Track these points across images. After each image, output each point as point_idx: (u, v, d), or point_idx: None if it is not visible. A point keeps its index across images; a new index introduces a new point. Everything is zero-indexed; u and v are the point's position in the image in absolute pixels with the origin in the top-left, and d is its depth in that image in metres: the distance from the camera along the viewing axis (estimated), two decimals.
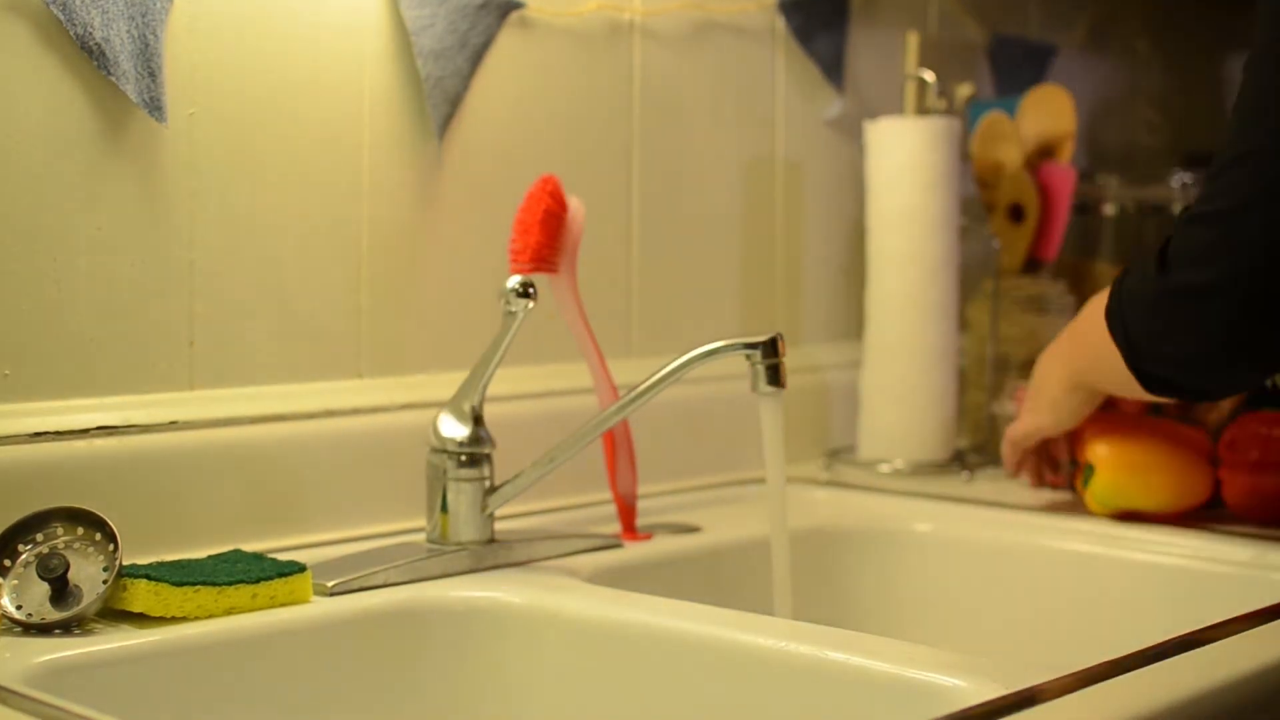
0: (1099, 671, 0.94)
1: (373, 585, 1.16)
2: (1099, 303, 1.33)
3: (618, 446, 1.37)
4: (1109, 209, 1.97)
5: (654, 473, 1.49)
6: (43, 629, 1.02)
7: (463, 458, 1.23)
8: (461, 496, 1.23)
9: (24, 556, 1.05)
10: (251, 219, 1.28)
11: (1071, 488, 1.51)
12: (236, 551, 1.16)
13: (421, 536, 1.26)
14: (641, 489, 1.41)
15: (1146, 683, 0.93)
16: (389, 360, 1.37)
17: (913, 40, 1.76)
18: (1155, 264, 1.24)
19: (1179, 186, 1.94)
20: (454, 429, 1.24)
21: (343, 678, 1.10)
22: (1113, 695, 0.91)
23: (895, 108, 1.77)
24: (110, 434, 1.18)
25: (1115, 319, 1.28)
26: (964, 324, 1.78)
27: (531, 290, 1.25)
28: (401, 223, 1.38)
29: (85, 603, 1.03)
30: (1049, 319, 1.78)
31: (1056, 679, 0.92)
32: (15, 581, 1.04)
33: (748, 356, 1.21)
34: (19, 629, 1.02)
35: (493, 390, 1.26)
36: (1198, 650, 0.98)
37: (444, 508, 1.24)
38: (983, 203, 1.80)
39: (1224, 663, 0.96)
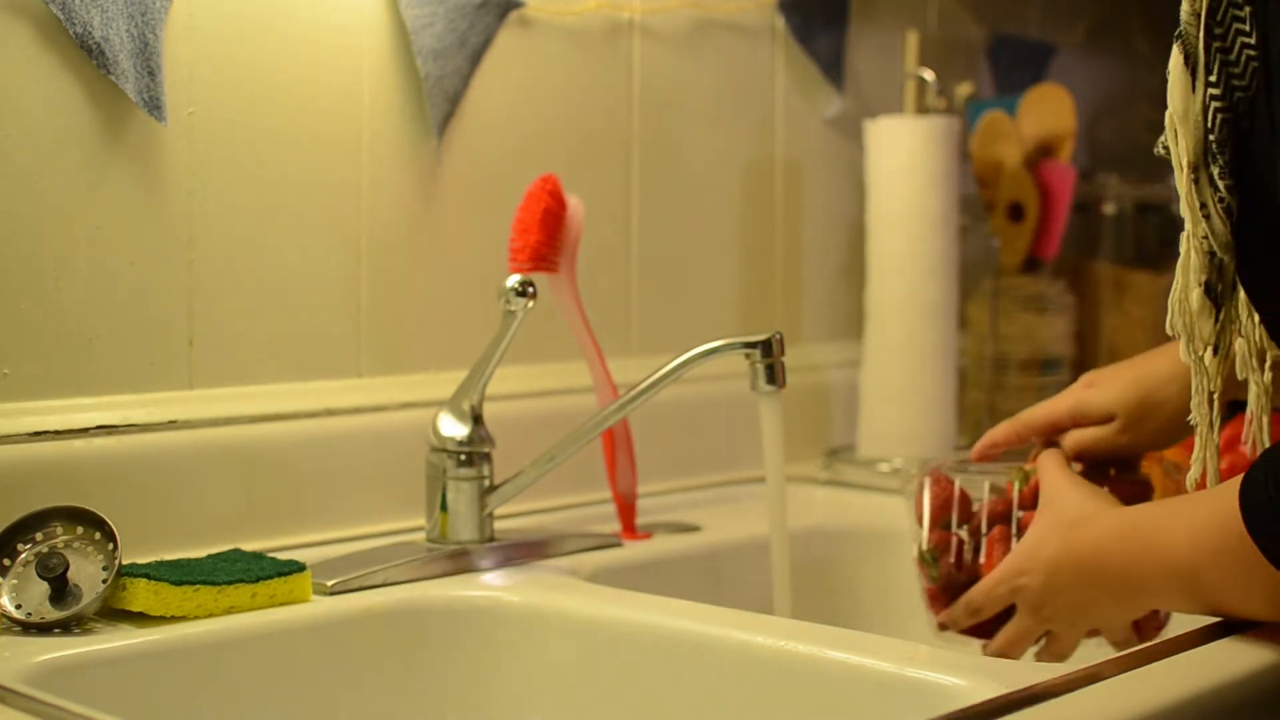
0: (1098, 671, 0.94)
1: (372, 584, 1.16)
2: (1209, 525, 0.99)
3: (617, 445, 1.37)
4: (1109, 208, 1.97)
5: (654, 472, 1.49)
6: (42, 628, 1.02)
7: (462, 457, 1.23)
8: (461, 495, 1.23)
9: (23, 556, 1.05)
10: (251, 218, 1.28)
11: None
12: (236, 550, 1.16)
13: (421, 536, 1.26)
14: (641, 488, 1.40)
15: (1146, 682, 0.93)
16: (388, 359, 1.37)
17: (912, 39, 1.76)
18: None
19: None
20: (453, 428, 1.24)
21: (342, 677, 1.10)
22: (1112, 694, 0.91)
23: (895, 107, 1.77)
24: (110, 433, 1.18)
25: None
26: (963, 323, 1.78)
27: (531, 289, 1.25)
28: (401, 222, 1.38)
29: (85, 602, 1.03)
30: (1048, 318, 1.78)
31: (1056, 678, 0.92)
32: (15, 581, 1.04)
33: (747, 356, 1.21)
34: (19, 628, 1.02)
35: (492, 389, 1.26)
36: (1198, 649, 0.98)
37: (443, 507, 1.24)
38: (982, 202, 1.80)
39: (1224, 662, 0.96)
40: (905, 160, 1.67)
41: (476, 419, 1.24)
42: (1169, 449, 1.26)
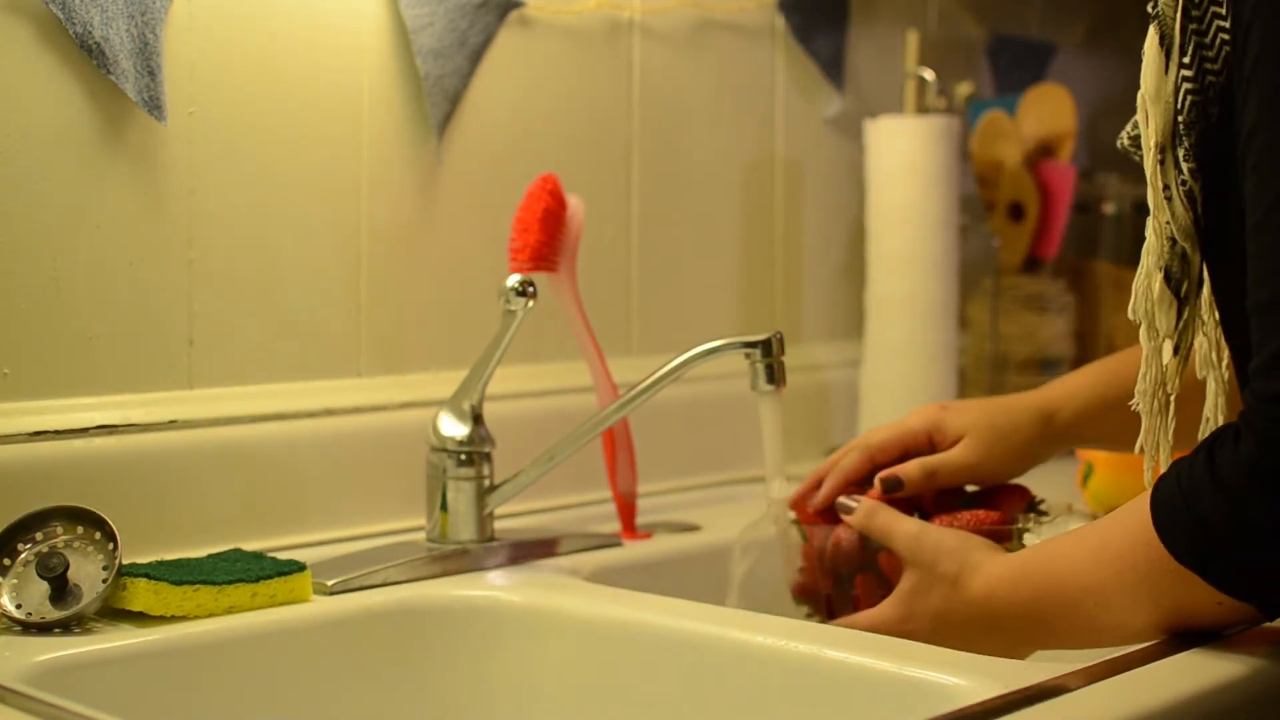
0: (1098, 670, 0.94)
1: (372, 584, 1.16)
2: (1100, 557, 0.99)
3: (617, 445, 1.37)
4: (1109, 207, 1.97)
5: (654, 471, 1.49)
6: (42, 628, 1.02)
7: (462, 456, 1.23)
8: (461, 495, 1.23)
9: (24, 556, 1.05)
10: (251, 218, 1.28)
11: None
12: (236, 550, 1.16)
13: (421, 535, 1.26)
14: (641, 488, 1.40)
15: (1146, 681, 0.93)
16: (388, 359, 1.37)
17: (912, 39, 1.76)
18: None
19: None
20: (453, 428, 1.24)
21: (342, 677, 1.10)
22: (1112, 694, 0.91)
23: (895, 106, 1.77)
24: (110, 433, 1.18)
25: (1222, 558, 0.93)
26: (964, 322, 1.78)
27: (531, 289, 1.25)
28: (401, 222, 1.38)
29: (85, 602, 1.03)
30: (1049, 317, 1.78)
31: (1056, 678, 0.92)
32: (15, 580, 1.04)
33: (747, 355, 1.21)
34: (19, 628, 1.02)
35: (492, 389, 1.26)
36: (1197, 649, 0.98)
37: (443, 506, 1.24)
38: (982, 201, 1.81)
39: (1223, 662, 0.96)
40: (905, 160, 1.67)
41: (476, 419, 1.24)
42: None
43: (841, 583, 1.19)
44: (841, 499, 1.19)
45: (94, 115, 1.17)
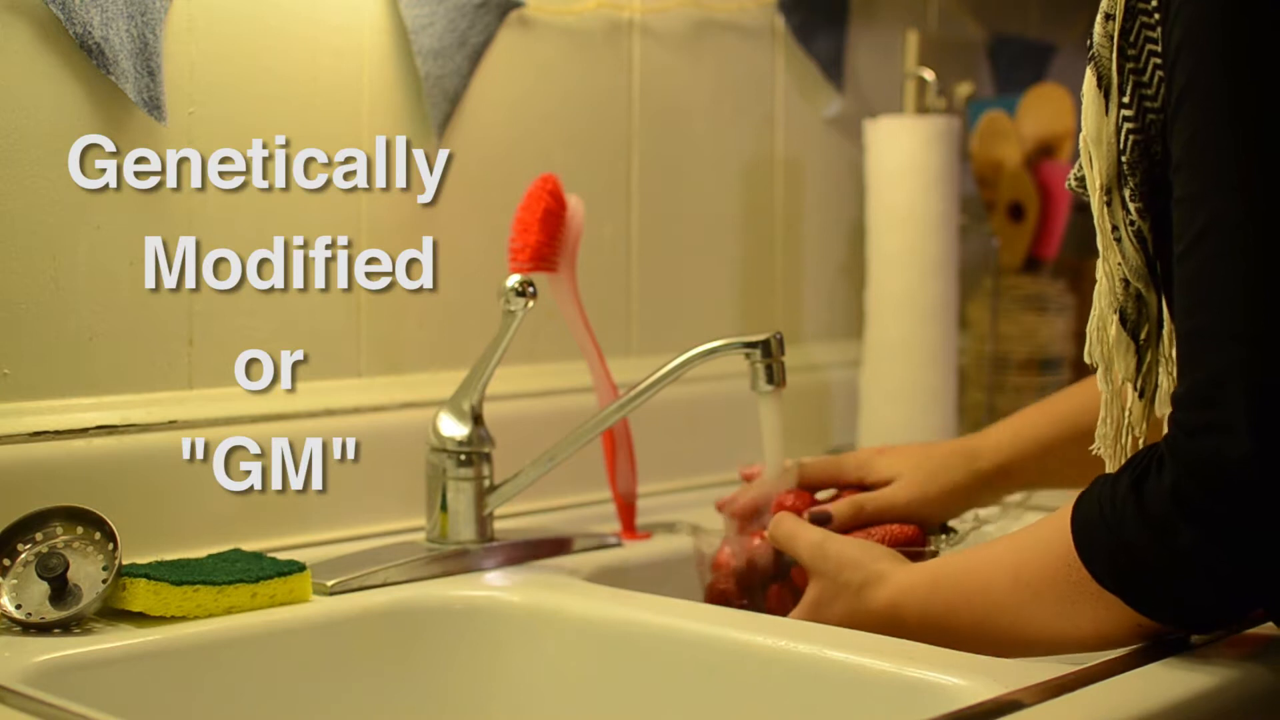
0: (1098, 671, 0.94)
1: (372, 584, 1.16)
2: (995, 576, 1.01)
3: (617, 445, 1.37)
4: None
5: (654, 472, 1.49)
6: (42, 628, 1.02)
7: (462, 457, 1.23)
8: (461, 495, 1.23)
9: (23, 556, 1.05)
10: (251, 217, 1.27)
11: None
12: (236, 551, 1.16)
13: (421, 536, 1.26)
14: (641, 488, 1.41)
15: (1144, 683, 0.93)
16: (388, 359, 1.37)
17: (912, 39, 1.76)
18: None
19: None
20: (453, 428, 1.24)
21: (342, 677, 1.10)
22: (1111, 695, 0.91)
23: (895, 106, 1.77)
24: (110, 433, 1.18)
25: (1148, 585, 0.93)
26: (964, 323, 1.78)
27: (531, 289, 1.25)
28: (400, 221, 1.38)
29: (85, 602, 1.03)
30: (1048, 317, 1.78)
31: (1055, 678, 0.92)
32: (15, 581, 1.04)
33: (747, 355, 1.21)
34: (18, 628, 1.02)
35: (492, 389, 1.26)
36: (1195, 651, 0.98)
37: (443, 507, 1.24)
38: (982, 201, 1.81)
39: (1222, 664, 0.96)
40: (905, 160, 1.67)
41: (476, 419, 1.24)
42: None
43: (753, 592, 1.20)
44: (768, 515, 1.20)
45: (94, 115, 1.17)
